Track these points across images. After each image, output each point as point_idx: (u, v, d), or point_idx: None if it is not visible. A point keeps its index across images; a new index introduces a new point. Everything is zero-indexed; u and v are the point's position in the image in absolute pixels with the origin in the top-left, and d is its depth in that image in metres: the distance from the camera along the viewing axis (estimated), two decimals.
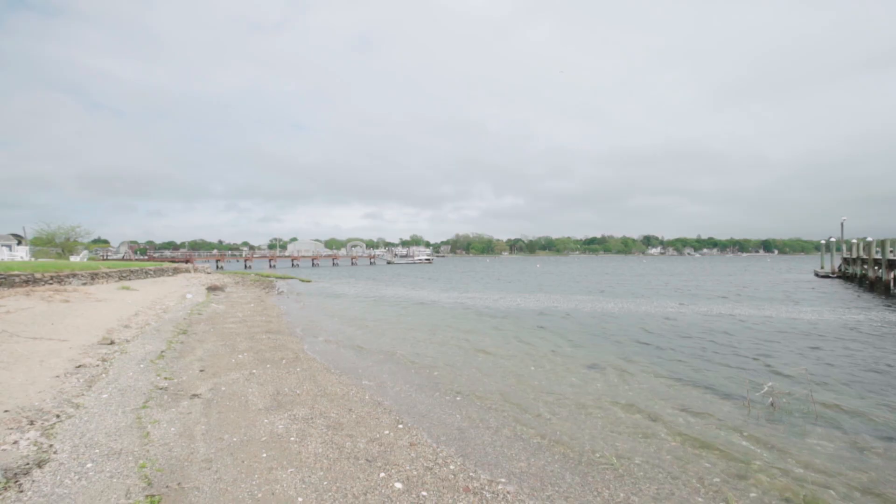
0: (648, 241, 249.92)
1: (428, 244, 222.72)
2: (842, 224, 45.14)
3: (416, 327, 15.02)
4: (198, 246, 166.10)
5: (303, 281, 40.11)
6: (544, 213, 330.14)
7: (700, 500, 4.32)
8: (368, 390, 7.68)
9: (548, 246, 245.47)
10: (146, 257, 72.52)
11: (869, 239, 29.64)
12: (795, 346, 11.73)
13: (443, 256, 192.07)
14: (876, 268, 27.56)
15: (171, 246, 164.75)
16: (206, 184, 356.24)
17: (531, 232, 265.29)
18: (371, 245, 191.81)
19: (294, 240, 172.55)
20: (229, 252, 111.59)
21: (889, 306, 19.62)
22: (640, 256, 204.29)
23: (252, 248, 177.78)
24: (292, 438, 5.39)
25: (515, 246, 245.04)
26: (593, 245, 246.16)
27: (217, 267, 65.07)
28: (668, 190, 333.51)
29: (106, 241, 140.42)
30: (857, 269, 32.72)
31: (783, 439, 5.80)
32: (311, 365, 9.28)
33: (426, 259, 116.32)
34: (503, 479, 4.61)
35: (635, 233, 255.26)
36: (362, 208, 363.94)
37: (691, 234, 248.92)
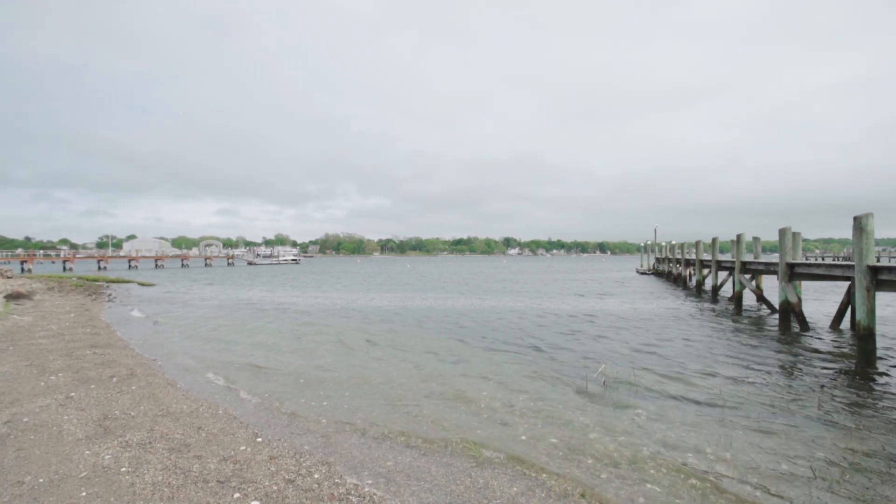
0: (508, 242, 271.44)
1: (295, 244, 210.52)
2: (655, 230, 54.89)
3: (276, 332, 14.12)
4: None
5: (143, 285, 34.82)
6: (411, 215, 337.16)
7: (545, 476, 4.82)
8: (222, 404, 6.99)
9: (418, 246, 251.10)
10: None
11: (673, 242, 36.68)
12: (621, 331, 13.81)
13: (311, 256, 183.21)
14: (678, 265, 34.06)
15: None
16: (5, 168, 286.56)
17: (402, 233, 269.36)
18: (229, 244, 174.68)
19: (132, 237, 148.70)
20: (41, 251, 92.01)
21: (687, 296, 24.29)
22: (500, 256, 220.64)
23: (74, 246, 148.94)
24: (123, 469, 4.64)
25: (387, 246, 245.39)
26: (460, 246, 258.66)
27: (23, 269, 52.99)
28: (521, 196, 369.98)
29: None
30: (666, 267, 40.01)
31: (612, 412, 6.80)
32: (151, 381, 8.11)
33: (293, 259, 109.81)
34: (370, 481, 4.58)
35: (497, 234, 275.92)
36: (216, 204, 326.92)
37: (543, 237, 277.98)
